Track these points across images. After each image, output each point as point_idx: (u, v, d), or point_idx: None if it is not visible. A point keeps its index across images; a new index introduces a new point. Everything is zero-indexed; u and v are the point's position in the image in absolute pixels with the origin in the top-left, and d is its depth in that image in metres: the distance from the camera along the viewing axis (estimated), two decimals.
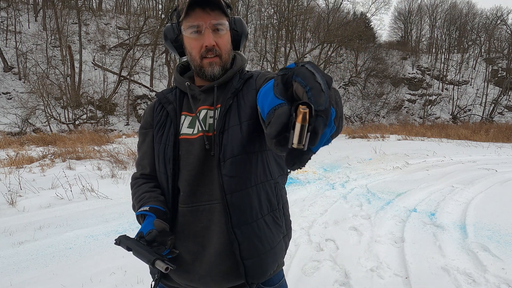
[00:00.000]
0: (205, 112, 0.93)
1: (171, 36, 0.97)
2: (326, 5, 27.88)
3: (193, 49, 0.92)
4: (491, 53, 33.13)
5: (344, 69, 29.59)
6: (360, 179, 6.22)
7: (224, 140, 0.88)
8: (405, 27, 39.18)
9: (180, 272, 0.92)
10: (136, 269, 2.59)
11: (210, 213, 0.89)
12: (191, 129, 0.93)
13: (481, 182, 5.87)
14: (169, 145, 0.93)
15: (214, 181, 0.88)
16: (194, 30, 0.89)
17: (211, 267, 0.88)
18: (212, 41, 0.89)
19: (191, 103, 0.94)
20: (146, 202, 0.90)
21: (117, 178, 5.63)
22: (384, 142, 12.22)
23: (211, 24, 0.89)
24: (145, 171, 1.02)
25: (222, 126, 0.89)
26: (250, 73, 0.99)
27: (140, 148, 1.04)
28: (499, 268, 2.61)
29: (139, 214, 0.88)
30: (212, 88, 0.94)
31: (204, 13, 0.88)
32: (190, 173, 0.90)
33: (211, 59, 0.91)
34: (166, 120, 0.97)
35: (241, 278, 0.90)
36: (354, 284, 2.41)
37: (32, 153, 8.09)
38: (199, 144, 0.90)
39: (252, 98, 0.91)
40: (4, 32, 21.71)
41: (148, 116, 1.03)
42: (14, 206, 4.12)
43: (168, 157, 0.92)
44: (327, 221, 3.74)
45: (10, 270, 2.60)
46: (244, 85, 0.95)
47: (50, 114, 16.44)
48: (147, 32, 21.22)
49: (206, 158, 0.90)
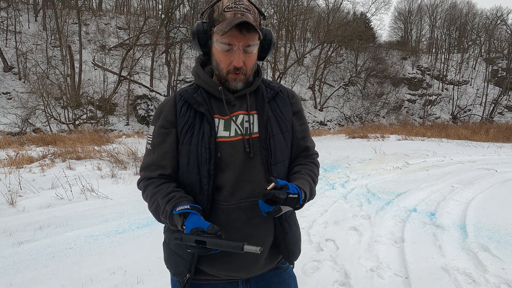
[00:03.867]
0: (242, 117, 1.00)
1: (200, 36, 0.99)
2: (326, 5, 27.92)
3: (221, 62, 0.96)
4: (491, 53, 33.13)
5: (344, 69, 29.59)
6: (360, 179, 6.22)
7: (272, 146, 0.99)
8: (405, 27, 39.19)
9: (221, 264, 0.98)
10: (136, 269, 2.59)
11: (250, 209, 0.97)
12: (227, 132, 0.99)
13: (481, 182, 5.87)
14: (204, 146, 0.95)
15: (253, 180, 0.98)
16: (226, 47, 0.93)
17: (255, 256, 0.97)
18: (241, 63, 0.94)
19: (225, 107, 0.98)
20: (182, 201, 0.92)
21: (117, 178, 5.63)
22: (384, 142, 12.22)
23: (243, 45, 0.93)
24: (165, 171, 1.01)
25: (269, 132, 1.00)
26: (277, 85, 1.10)
27: (159, 148, 1.01)
28: (499, 268, 2.61)
29: (179, 212, 0.88)
30: (244, 94, 1.02)
31: (239, 33, 0.91)
32: (235, 173, 0.97)
33: (236, 75, 0.97)
34: (194, 121, 0.98)
35: (275, 261, 1.07)
36: (354, 284, 2.41)
37: (32, 153, 8.08)
38: (240, 147, 0.98)
39: (288, 116, 1.07)
40: (4, 32, 21.72)
41: (170, 115, 1.00)
42: (14, 206, 4.11)
43: (203, 158, 0.95)
44: (327, 221, 3.74)
45: (10, 270, 2.60)
46: (277, 98, 1.07)
47: (50, 114, 16.43)
48: (147, 32, 21.23)
49: (245, 159, 0.98)
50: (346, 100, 27.71)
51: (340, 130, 21.95)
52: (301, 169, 1.05)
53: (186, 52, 24.34)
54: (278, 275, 1.08)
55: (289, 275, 1.13)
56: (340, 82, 28.23)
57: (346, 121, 26.30)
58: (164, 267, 1.09)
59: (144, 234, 3.37)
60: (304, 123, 1.12)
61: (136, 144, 8.61)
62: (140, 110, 20.34)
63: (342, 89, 27.85)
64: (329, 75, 28.43)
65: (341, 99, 27.67)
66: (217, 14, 0.93)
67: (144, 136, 15.04)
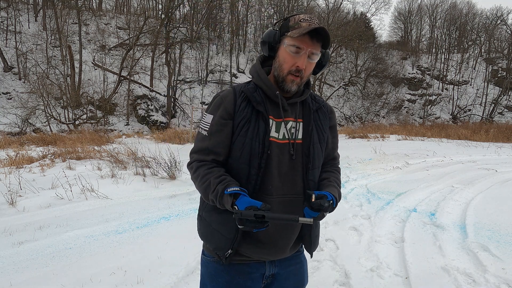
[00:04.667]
0: (291, 124, 1.14)
1: (271, 40, 1.12)
2: (326, 5, 27.89)
3: (285, 63, 1.09)
4: (491, 53, 33.13)
5: (344, 69, 29.59)
6: (360, 179, 6.22)
7: (312, 153, 1.14)
8: (405, 27, 39.18)
9: (257, 249, 1.13)
10: (136, 269, 2.59)
11: (289, 204, 1.12)
12: (277, 133, 1.12)
13: (481, 182, 5.88)
14: (258, 141, 1.08)
15: (295, 180, 1.13)
16: (295, 49, 1.06)
17: (287, 244, 1.16)
18: (304, 65, 1.08)
19: (281, 111, 1.12)
20: (232, 184, 1.03)
21: (117, 178, 5.63)
22: (384, 142, 12.23)
23: (310, 52, 1.06)
24: (218, 158, 1.12)
25: (311, 140, 1.15)
26: (321, 100, 1.26)
27: (215, 136, 1.12)
28: (499, 268, 2.61)
29: (230, 192, 0.99)
30: (296, 102, 1.16)
31: (310, 40, 1.05)
32: (282, 171, 1.11)
33: (295, 77, 1.09)
34: (251, 117, 1.10)
35: (297, 248, 1.24)
36: (354, 284, 2.41)
37: (32, 153, 8.08)
38: (286, 150, 1.12)
39: (326, 128, 1.22)
40: (4, 32, 21.73)
41: (229, 108, 1.11)
42: (14, 206, 4.11)
43: (256, 152, 1.08)
44: (327, 221, 3.74)
45: (10, 270, 2.60)
46: (319, 110, 1.22)
47: (50, 114, 16.43)
48: (147, 32, 21.22)
49: (289, 161, 1.12)
50: (346, 100, 27.72)
51: (340, 130, 21.92)
52: (329, 176, 1.21)
53: (186, 52, 24.34)
54: (295, 258, 1.26)
55: (304, 257, 1.33)
56: (340, 82, 28.22)
57: (346, 121, 26.30)
58: (164, 267, 1.11)
59: (144, 234, 3.37)
60: (335, 136, 1.29)
61: (136, 144, 8.60)
62: (140, 110, 20.34)
63: (342, 89, 27.84)
64: (329, 75, 28.41)
65: (341, 99, 27.67)
66: (293, 23, 1.08)
67: (144, 136, 15.09)
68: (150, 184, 5.45)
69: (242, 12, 28.45)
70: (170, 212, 4.10)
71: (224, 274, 1.15)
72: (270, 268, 1.19)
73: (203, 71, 24.95)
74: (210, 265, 1.19)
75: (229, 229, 1.09)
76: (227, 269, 1.15)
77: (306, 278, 1.32)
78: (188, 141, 12.81)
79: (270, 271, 1.19)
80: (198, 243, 3.27)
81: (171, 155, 6.15)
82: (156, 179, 5.73)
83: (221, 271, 1.15)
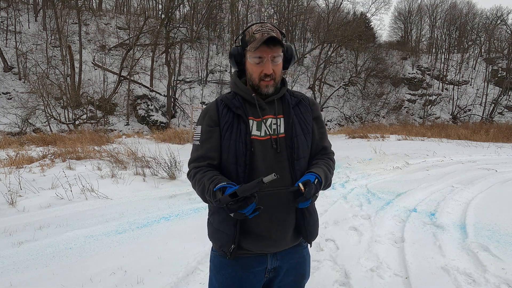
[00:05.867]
0: (270, 120, 1.23)
1: (237, 57, 1.24)
2: (326, 5, 27.90)
3: (254, 73, 1.20)
4: (491, 53, 33.11)
5: (344, 69, 29.58)
6: (360, 179, 6.22)
7: (295, 144, 1.22)
8: (405, 27, 39.17)
9: (256, 242, 1.21)
10: (136, 269, 2.59)
11: (278, 196, 1.19)
12: (258, 131, 1.22)
13: (481, 182, 5.88)
14: (241, 141, 1.18)
15: (282, 172, 1.18)
16: (257, 60, 1.17)
17: (283, 234, 1.22)
18: (270, 70, 1.18)
19: (258, 111, 1.22)
20: (221, 181, 1.11)
21: (117, 178, 5.63)
22: (384, 142, 12.23)
23: (271, 56, 1.17)
24: (213, 162, 1.22)
25: (293, 133, 1.22)
26: (299, 94, 1.33)
27: (206, 143, 1.23)
28: (499, 268, 2.61)
29: (219, 188, 1.07)
30: (273, 100, 1.25)
31: (267, 48, 1.15)
32: (268, 165, 1.19)
33: (267, 82, 1.20)
34: (233, 121, 1.21)
35: (298, 240, 1.29)
36: (354, 284, 2.41)
37: (32, 153, 8.08)
38: (268, 145, 1.21)
39: (309, 120, 1.29)
40: (4, 32, 21.73)
41: (213, 115, 1.24)
42: (14, 206, 4.11)
43: (241, 151, 1.18)
44: (327, 221, 3.74)
45: (10, 270, 2.60)
46: (299, 104, 1.30)
47: (50, 114, 16.43)
48: (147, 32, 21.22)
49: (274, 155, 1.20)
50: (346, 100, 27.70)
51: (340, 130, 21.97)
52: (318, 161, 1.27)
53: (186, 52, 24.34)
54: (299, 251, 1.33)
55: (306, 252, 1.39)
56: (340, 82, 28.20)
57: (346, 121, 26.29)
58: (164, 267, 1.11)
59: (144, 234, 3.37)
60: (322, 127, 1.35)
61: (136, 144, 8.61)
62: (140, 110, 20.32)
63: (342, 89, 27.82)
64: (329, 75, 28.40)
65: (341, 99, 27.66)
66: (248, 37, 1.19)
67: (144, 136, 15.11)
68: (150, 184, 5.45)
69: (242, 12, 28.44)
70: (170, 212, 4.10)
71: (228, 267, 1.25)
72: (272, 262, 1.26)
73: (203, 71, 24.95)
74: (216, 259, 1.29)
75: (229, 227, 1.18)
76: (231, 263, 1.24)
77: (307, 273, 1.38)
78: (188, 141, 12.81)
79: (272, 264, 1.26)
80: (198, 243, 3.28)
81: (171, 155, 6.15)
82: (156, 179, 5.73)
83: (225, 264, 1.25)
